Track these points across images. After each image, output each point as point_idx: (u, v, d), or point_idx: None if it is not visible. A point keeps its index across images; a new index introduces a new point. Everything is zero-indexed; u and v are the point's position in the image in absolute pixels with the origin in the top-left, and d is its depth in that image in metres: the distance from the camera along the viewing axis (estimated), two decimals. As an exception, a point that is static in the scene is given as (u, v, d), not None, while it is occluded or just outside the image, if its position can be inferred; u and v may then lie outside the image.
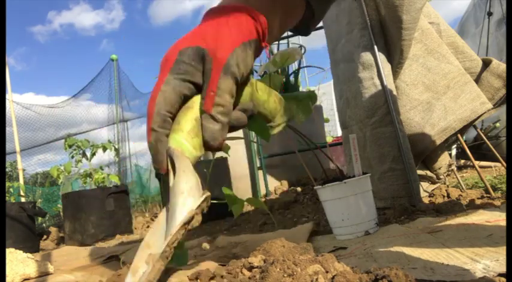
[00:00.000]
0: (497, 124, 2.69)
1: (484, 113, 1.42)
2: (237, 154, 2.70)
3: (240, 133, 2.68)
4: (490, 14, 3.32)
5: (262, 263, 0.44)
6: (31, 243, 2.13)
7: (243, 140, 2.73)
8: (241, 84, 0.46)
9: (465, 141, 1.83)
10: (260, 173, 2.64)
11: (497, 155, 1.49)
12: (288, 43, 3.04)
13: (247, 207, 2.16)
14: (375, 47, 1.37)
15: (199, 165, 0.53)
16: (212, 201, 0.45)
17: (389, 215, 1.18)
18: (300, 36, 3.63)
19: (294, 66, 2.85)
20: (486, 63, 1.51)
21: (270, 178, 2.67)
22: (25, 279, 1.16)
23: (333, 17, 1.57)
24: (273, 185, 2.64)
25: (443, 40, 1.48)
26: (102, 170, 3.94)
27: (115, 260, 1.27)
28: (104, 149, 3.80)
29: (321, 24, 1.71)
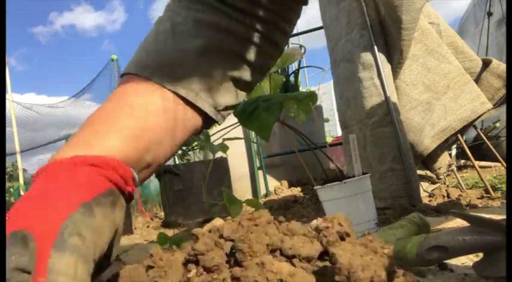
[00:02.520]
0: (497, 124, 2.69)
1: (484, 113, 1.42)
2: (237, 154, 2.70)
3: (240, 133, 2.68)
4: (490, 14, 3.32)
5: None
6: (31, 243, 2.13)
7: (242, 140, 2.73)
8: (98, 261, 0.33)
9: (465, 141, 1.83)
10: (260, 173, 2.64)
11: (497, 155, 1.49)
12: (288, 43, 3.04)
13: (248, 207, 2.16)
14: (375, 47, 1.37)
15: (199, 165, 0.52)
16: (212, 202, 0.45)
17: (389, 215, 1.18)
18: (300, 36, 3.63)
19: (294, 66, 2.85)
20: (486, 63, 1.51)
21: (270, 178, 2.67)
22: (25, 279, 1.16)
23: (333, 17, 1.57)
24: (273, 185, 2.64)
25: (443, 40, 1.48)
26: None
27: (115, 260, 1.27)
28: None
29: (320, 24, 1.71)
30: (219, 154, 2.31)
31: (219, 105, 0.51)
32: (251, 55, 0.52)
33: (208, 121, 0.52)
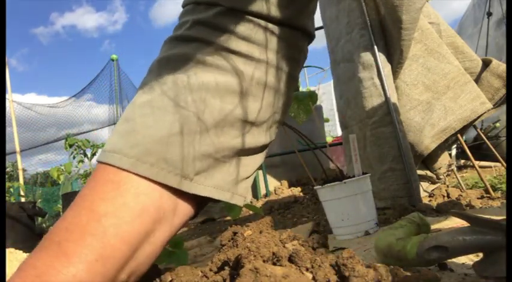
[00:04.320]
0: (497, 124, 2.69)
1: (484, 113, 1.42)
2: (237, 154, 2.70)
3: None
4: (489, 14, 3.32)
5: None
6: (31, 243, 2.13)
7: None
8: None
9: (465, 141, 1.83)
10: (260, 173, 2.64)
11: (497, 155, 1.49)
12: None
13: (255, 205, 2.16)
14: (375, 47, 1.37)
15: None
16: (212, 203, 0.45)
17: (389, 215, 1.18)
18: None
19: (294, 66, 2.84)
20: (486, 63, 1.51)
21: (270, 178, 2.67)
22: (25, 279, 1.16)
23: (333, 17, 1.57)
24: (273, 185, 2.64)
25: (443, 40, 1.48)
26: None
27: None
28: (104, 149, 3.79)
29: (321, 24, 1.71)
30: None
31: (228, 182, 0.43)
32: (257, 115, 0.44)
33: (206, 201, 0.44)
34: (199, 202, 0.42)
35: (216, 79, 0.41)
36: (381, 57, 1.37)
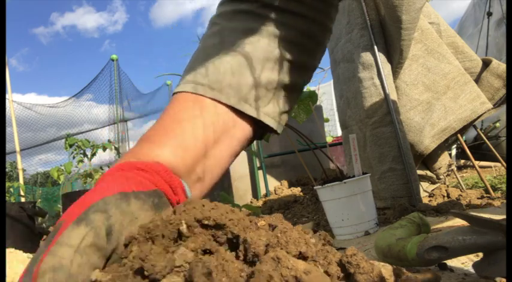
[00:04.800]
0: (497, 124, 2.69)
1: (484, 113, 1.42)
2: (237, 154, 2.70)
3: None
4: (489, 14, 3.32)
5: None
6: (31, 243, 2.13)
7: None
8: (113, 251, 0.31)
9: (465, 141, 1.83)
10: (260, 173, 2.64)
11: (497, 155, 1.49)
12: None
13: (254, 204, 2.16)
14: (375, 47, 1.37)
15: None
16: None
17: (389, 215, 1.18)
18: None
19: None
20: (486, 63, 1.51)
21: (270, 178, 2.67)
22: (25, 279, 1.16)
23: (333, 17, 1.57)
24: (273, 185, 2.64)
25: (443, 40, 1.48)
26: (103, 170, 3.94)
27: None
28: (104, 148, 3.80)
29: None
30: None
31: (275, 112, 0.51)
32: (299, 56, 0.53)
33: (263, 130, 0.53)
34: (254, 128, 0.51)
35: (268, 29, 0.50)
36: (381, 57, 1.37)
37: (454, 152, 2.40)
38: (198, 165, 0.44)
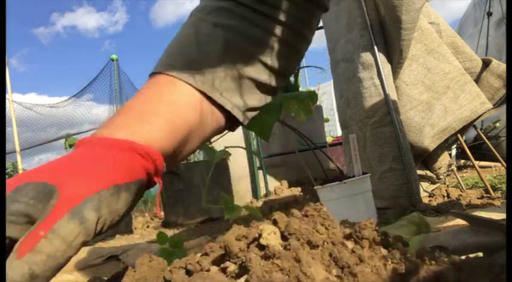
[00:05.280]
0: (497, 124, 2.69)
1: (484, 113, 1.42)
2: (237, 154, 2.70)
3: (239, 133, 2.68)
4: (489, 14, 3.32)
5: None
6: (31, 243, 2.13)
7: (242, 140, 2.73)
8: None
9: (465, 141, 1.83)
10: (260, 173, 2.64)
11: (497, 155, 1.49)
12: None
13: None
14: (375, 47, 1.37)
15: (199, 165, 0.52)
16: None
17: (389, 215, 1.18)
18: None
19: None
20: (486, 63, 1.51)
21: (270, 178, 2.67)
22: (25, 279, 1.16)
23: (333, 17, 1.57)
24: (273, 185, 2.64)
25: (443, 40, 1.48)
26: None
27: (115, 260, 1.27)
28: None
29: (321, 24, 1.71)
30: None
31: (242, 106, 0.53)
32: (269, 59, 0.54)
33: (232, 121, 0.54)
34: (226, 118, 0.53)
35: (249, 30, 0.52)
36: (381, 57, 1.37)
37: (454, 152, 2.40)
38: (178, 148, 0.46)
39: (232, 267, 0.33)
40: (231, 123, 0.54)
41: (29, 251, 0.29)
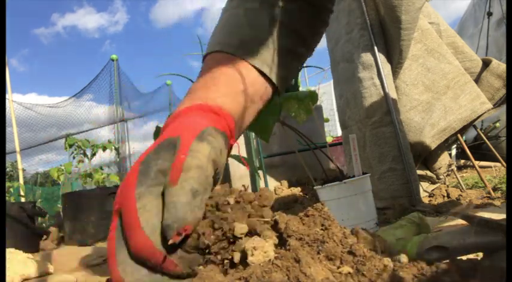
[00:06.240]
0: (497, 124, 2.69)
1: (484, 113, 1.42)
2: (237, 154, 2.70)
3: (240, 141, 2.68)
4: (490, 14, 3.32)
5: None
6: (31, 243, 2.13)
7: (242, 140, 2.73)
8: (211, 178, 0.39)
9: (465, 141, 1.83)
10: (260, 173, 2.64)
11: (497, 155, 1.49)
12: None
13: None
14: (375, 47, 1.37)
15: None
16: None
17: (389, 215, 1.18)
18: None
19: (294, 66, 2.84)
20: (486, 63, 1.51)
21: (270, 178, 2.67)
22: (25, 279, 1.16)
23: (333, 17, 1.57)
24: (273, 185, 2.64)
25: (443, 40, 1.48)
26: (102, 170, 3.94)
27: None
28: (104, 148, 3.80)
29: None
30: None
31: (282, 78, 0.57)
32: (305, 30, 0.59)
33: (275, 92, 0.58)
34: (274, 91, 0.57)
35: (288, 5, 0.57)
36: (381, 57, 1.37)
37: (454, 152, 2.40)
38: (241, 117, 0.51)
39: None
40: (274, 94, 0.59)
41: (179, 172, 0.34)
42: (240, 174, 2.63)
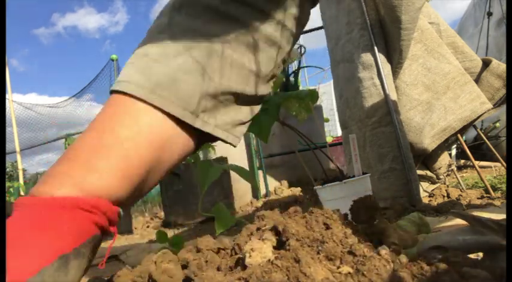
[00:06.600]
0: (497, 124, 2.69)
1: (484, 113, 1.42)
2: (237, 154, 2.70)
3: (240, 141, 2.67)
4: (490, 14, 3.32)
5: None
6: (31, 243, 2.13)
7: (242, 140, 2.73)
8: None
9: (465, 141, 1.83)
10: (260, 173, 2.64)
11: (497, 155, 1.49)
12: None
13: (247, 208, 2.17)
14: (375, 47, 1.37)
15: (198, 166, 0.51)
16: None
17: (389, 215, 1.18)
18: (300, 36, 3.63)
19: (293, 66, 2.85)
20: (486, 63, 1.51)
21: (270, 178, 2.67)
22: (25, 279, 1.16)
23: (333, 17, 1.57)
24: (273, 185, 2.64)
25: (443, 40, 1.48)
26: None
27: (115, 260, 1.27)
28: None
29: (320, 24, 1.71)
30: (219, 154, 2.31)
31: (227, 124, 0.47)
32: (253, 64, 0.48)
33: (205, 140, 0.48)
34: (199, 139, 0.47)
35: (232, 31, 0.45)
36: (381, 57, 1.37)
37: (454, 152, 2.40)
38: (136, 189, 0.40)
39: None
40: (201, 143, 0.48)
41: None
42: (243, 190, 2.57)
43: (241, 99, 0.47)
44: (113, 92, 0.43)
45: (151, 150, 0.40)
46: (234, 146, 0.49)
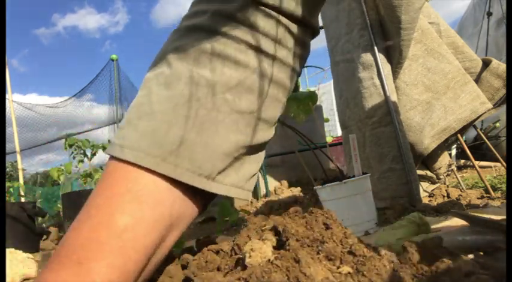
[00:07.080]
0: (497, 124, 2.69)
1: (484, 113, 1.42)
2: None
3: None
4: (489, 14, 3.32)
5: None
6: (31, 243, 2.13)
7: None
8: None
9: (465, 141, 1.83)
10: (260, 173, 2.64)
11: (497, 155, 1.49)
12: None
13: (247, 208, 2.16)
14: (375, 47, 1.37)
15: None
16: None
17: (389, 215, 1.18)
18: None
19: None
20: (486, 63, 1.51)
21: (270, 178, 2.67)
22: (25, 279, 1.16)
23: (333, 17, 1.57)
24: (273, 185, 2.64)
25: (443, 40, 1.48)
26: (103, 170, 3.93)
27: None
28: (104, 149, 3.80)
29: (320, 24, 1.71)
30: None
31: (241, 181, 0.42)
32: (262, 111, 0.44)
33: (211, 200, 0.44)
34: (206, 202, 0.42)
35: (236, 76, 0.40)
36: (381, 57, 1.37)
37: (454, 152, 2.40)
38: (138, 274, 0.35)
39: None
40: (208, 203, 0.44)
41: None
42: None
43: (252, 148, 0.43)
44: (114, 158, 0.37)
45: (154, 236, 0.35)
46: (247, 201, 0.45)
